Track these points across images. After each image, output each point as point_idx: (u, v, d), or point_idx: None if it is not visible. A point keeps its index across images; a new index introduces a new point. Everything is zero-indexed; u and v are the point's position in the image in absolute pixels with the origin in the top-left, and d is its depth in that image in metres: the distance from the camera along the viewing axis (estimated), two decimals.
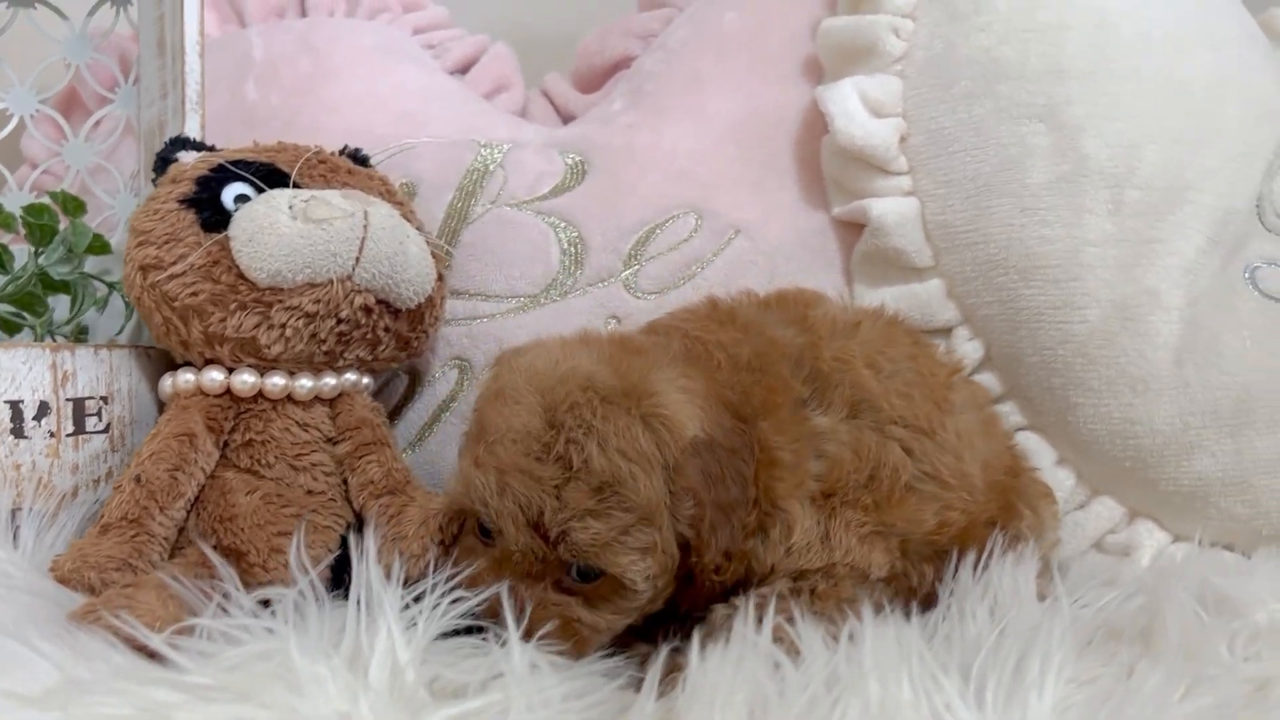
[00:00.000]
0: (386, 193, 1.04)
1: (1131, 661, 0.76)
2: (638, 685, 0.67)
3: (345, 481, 0.98)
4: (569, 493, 0.73)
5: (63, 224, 1.12)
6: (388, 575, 0.78)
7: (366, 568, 0.75)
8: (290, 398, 0.97)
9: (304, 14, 1.40)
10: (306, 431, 0.98)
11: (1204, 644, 0.77)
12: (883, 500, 0.85)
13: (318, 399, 0.99)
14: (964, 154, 1.12)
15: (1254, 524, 1.07)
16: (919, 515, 0.87)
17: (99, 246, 1.13)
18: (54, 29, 1.28)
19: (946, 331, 1.15)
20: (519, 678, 0.66)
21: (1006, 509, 0.97)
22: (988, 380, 1.14)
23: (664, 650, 0.67)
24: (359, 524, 0.97)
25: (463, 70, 1.42)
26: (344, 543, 0.94)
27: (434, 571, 0.89)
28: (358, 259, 0.94)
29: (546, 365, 0.78)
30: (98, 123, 1.32)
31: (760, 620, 0.67)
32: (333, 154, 1.05)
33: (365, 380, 1.02)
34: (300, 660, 0.65)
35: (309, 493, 0.96)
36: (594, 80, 1.43)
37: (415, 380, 1.12)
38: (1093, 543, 1.13)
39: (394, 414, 1.11)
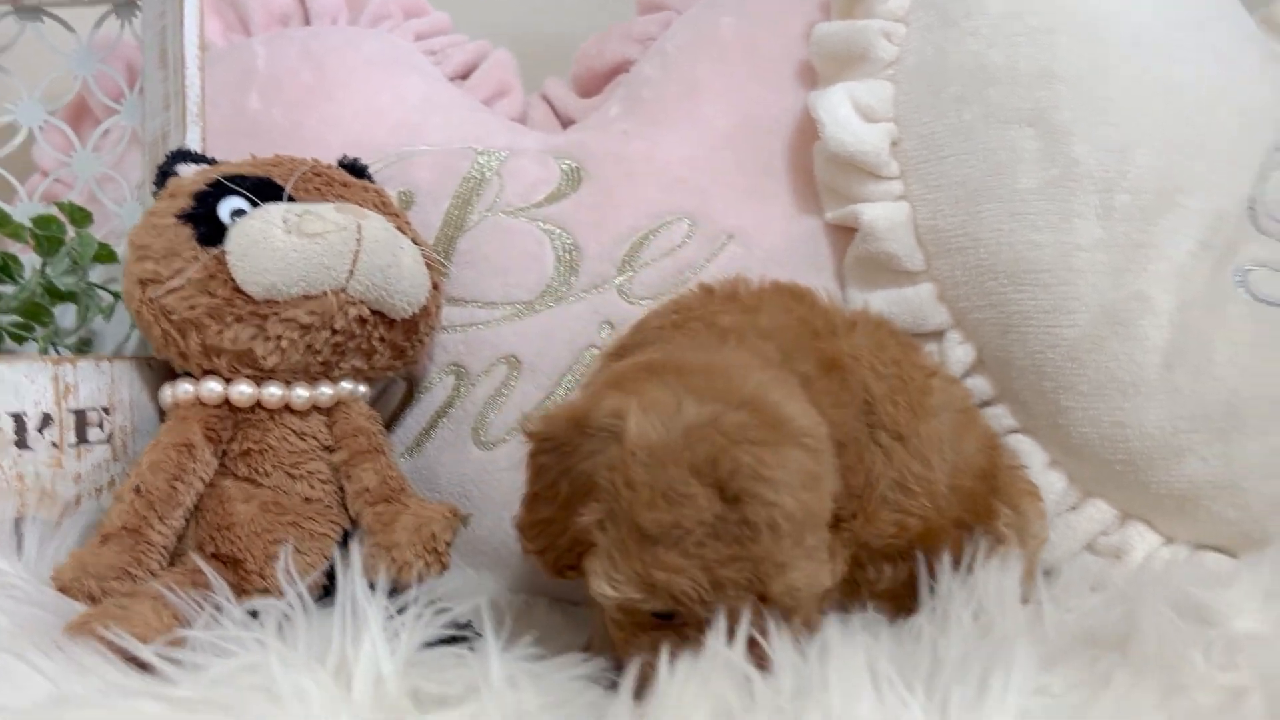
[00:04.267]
0: (381, 205, 1.06)
1: (1108, 670, 0.77)
2: (611, 694, 0.69)
3: (341, 489, 1.01)
4: (783, 551, 0.68)
5: (69, 234, 1.15)
6: (373, 586, 0.79)
7: (352, 580, 0.77)
8: (287, 407, 0.99)
9: (307, 21, 1.42)
10: (303, 440, 1.00)
11: (1180, 653, 0.77)
12: (859, 512, 0.84)
13: (314, 408, 1.01)
14: (954, 159, 1.13)
15: (1244, 527, 1.07)
16: (879, 526, 0.88)
17: (105, 255, 1.16)
18: (61, 41, 1.30)
19: (938, 335, 1.16)
20: (496, 689, 0.68)
21: (982, 509, 0.97)
22: (979, 384, 1.15)
23: (638, 661, 0.68)
24: (355, 531, 0.99)
25: (463, 76, 1.43)
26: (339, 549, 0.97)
27: (423, 580, 0.93)
28: (351, 271, 0.96)
29: (671, 437, 0.69)
30: (105, 133, 1.34)
31: (732, 633, 0.68)
32: (329, 166, 1.06)
33: (362, 389, 1.04)
34: (283, 674, 0.67)
35: (306, 500, 0.99)
36: (593, 84, 1.44)
37: (412, 387, 1.14)
38: (1084, 544, 1.13)
39: (391, 420, 1.13)
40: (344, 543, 0.99)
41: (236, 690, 0.66)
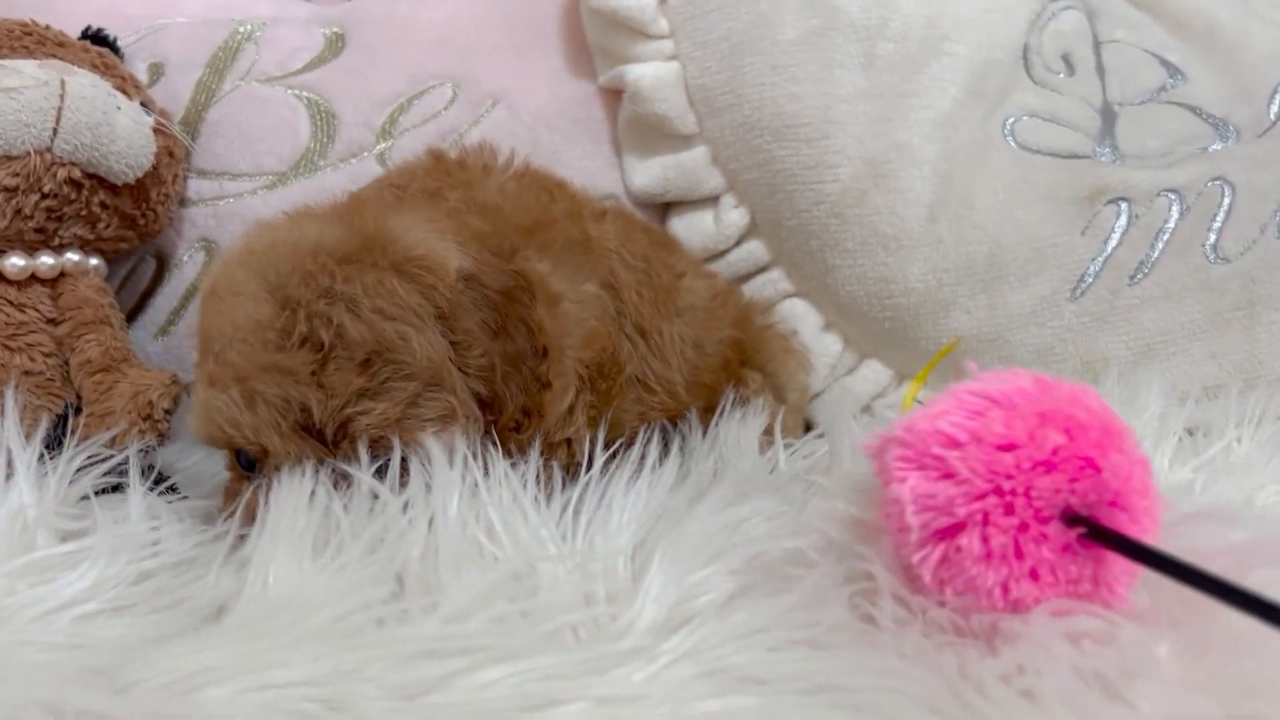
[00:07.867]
0: (102, 66, 1.00)
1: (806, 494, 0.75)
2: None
3: (68, 362, 0.97)
4: (331, 376, 0.60)
5: None
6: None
7: (6, 428, 0.73)
8: (2, 277, 0.95)
9: None
10: (22, 312, 0.95)
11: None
12: (605, 390, 0.80)
13: (35, 279, 0.96)
14: (718, 12, 1.09)
15: None
16: (624, 412, 0.83)
17: None
18: None
19: (714, 200, 1.13)
20: (133, 520, 0.65)
21: (731, 380, 0.96)
22: (755, 248, 1.13)
23: (248, 490, 0.65)
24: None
25: None
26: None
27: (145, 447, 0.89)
28: (55, 129, 0.91)
29: (264, 245, 0.65)
30: None
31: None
32: (46, 27, 1.01)
33: (93, 261, 1.00)
34: None
35: (26, 373, 0.94)
36: None
37: (162, 265, 1.09)
38: (862, 407, 1.11)
39: (142, 300, 1.09)
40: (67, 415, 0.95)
41: None
